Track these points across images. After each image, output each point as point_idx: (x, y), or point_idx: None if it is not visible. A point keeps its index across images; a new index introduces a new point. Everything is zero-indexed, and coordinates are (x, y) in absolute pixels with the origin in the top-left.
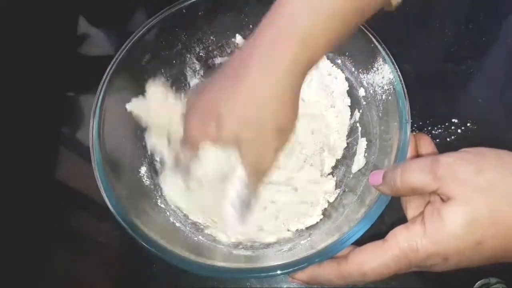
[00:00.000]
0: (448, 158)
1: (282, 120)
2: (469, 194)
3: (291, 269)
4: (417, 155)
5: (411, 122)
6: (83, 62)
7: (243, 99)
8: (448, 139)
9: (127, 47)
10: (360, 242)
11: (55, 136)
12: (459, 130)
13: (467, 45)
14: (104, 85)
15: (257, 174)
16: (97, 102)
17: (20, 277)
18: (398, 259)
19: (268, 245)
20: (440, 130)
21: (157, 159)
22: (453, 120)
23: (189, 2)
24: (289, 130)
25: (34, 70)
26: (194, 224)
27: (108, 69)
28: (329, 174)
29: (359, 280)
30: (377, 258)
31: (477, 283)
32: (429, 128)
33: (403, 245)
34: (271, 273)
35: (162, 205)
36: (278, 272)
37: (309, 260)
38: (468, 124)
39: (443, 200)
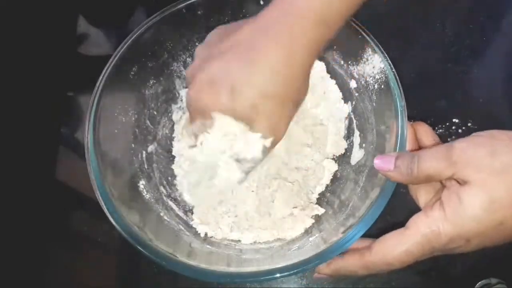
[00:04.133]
0: (461, 144)
1: (298, 95)
2: (486, 177)
3: (294, 271)
4: (418, 144)
5: (411, 121)
6: (83, 62)
7: (260, 72)
8: (449, 139)
9: (113, 63)
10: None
11: (55, 136)
12: (459, 130)
13: (467, 45)
14: (94, 106)
15: (270, 147)
16: (89, 117)
17: (20, 277)
18: (421, 245)
19: (278, 246)
20: (441, 130)
21: (156, 172)
22: (453, 120)
23: (171, 11)
24: (301, 101)
25: (34, 70)
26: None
27: (95, 90)
28: (327, 168)
29: (383, 269)
30: (400, 246)
31: (478, 284)
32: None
33: (425, 231)
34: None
35: (166, 217)
36: (278, 275)
37: (309, 262)
38: (469, 124)
39: (460, 184)
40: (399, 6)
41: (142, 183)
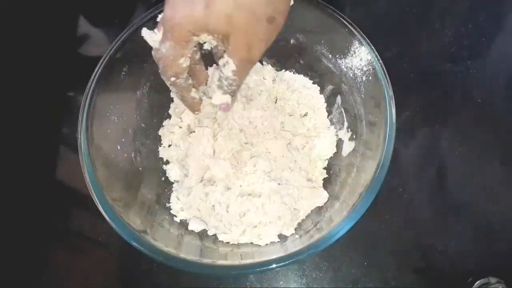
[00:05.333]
0: None
1: (274, 9)
2: None
3: (287, 262)
4: None
5: (412, 121)
6: (83, 62)
7: None
8: (448, 139)
9: (105, 61)
10: (355, 233)
11: (55, 136)
12: (459, 130)
13: (467, 45)
14: (86, 107)
15: (246, 65)
16: (82, 119)
17: (20, 277)
18: None
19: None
20: (440, 130)
21: (152, 171)
22: (453, 120)
23: (160, 9)
24: (278, 23)
25: (34, 70)
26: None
27: (86, 91)
28: (320, 160)
29: None
30: None
31: (476, 283)
32: (429, 127)
33: None
34: (267, 267)
35: (163, 216)
36: (274, 265)
37: (301, 252)
38: (469, 124)
39: None
40: (399, 6)
41: (138, 182)
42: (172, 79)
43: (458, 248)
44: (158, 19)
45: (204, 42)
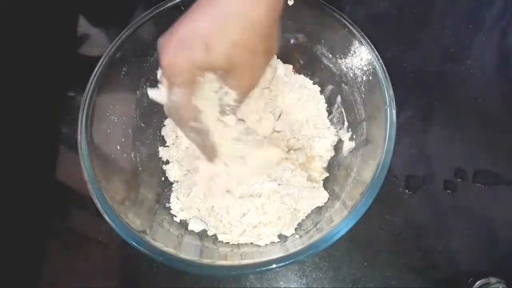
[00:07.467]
0: None
1: (269, 42)
2: None
3: (287, 262)
4: None
5: (412, 121)
6: (83, 62)
7: (231, 22)
8: (447, 139)
9: (105, 61)
10: (355, 233)
11: (55, 136)
12: (458, 129)
13: (467, 45)
14: (85, 107)
15: (247, 93)
16: (81, 119)
17: (20, 276)
18: None
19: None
20: (440, 130)
21: (152, 171)
22: (452, 119)
23: (159, 10)
24: (273, 50)
25: (34, 70)
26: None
27: (87, 89)
28: (320, 160)
29: None
30: None
31: (477, 283)
32: (430, 127)
33: None
34: (267, 268)
35: (163, 216)
36: (274, 266)
37: (301, 252)
38: (468, 123)
39: None
40: (399, 6)
41: (138, 182)
42: (191, 123)
43: (458, 248)
44: (158, 77)
45: None
